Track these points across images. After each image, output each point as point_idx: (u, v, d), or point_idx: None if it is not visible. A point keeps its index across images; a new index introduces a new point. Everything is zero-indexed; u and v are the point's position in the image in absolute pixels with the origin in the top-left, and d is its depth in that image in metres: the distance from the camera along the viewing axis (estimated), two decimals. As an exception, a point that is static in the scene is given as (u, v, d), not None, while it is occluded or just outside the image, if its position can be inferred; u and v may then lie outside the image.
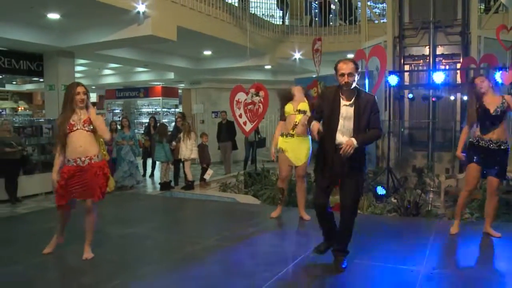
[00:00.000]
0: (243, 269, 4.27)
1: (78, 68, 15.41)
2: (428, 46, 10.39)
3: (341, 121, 4.12)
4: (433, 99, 9.72)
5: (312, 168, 4.48)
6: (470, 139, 5.27)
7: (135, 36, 9.19)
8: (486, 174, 5.19)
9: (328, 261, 4.40)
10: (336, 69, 4.12)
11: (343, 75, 4.05)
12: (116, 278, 4.06)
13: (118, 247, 5.14)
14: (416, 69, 10.79)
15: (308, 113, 5.32)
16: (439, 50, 10.50)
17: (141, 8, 8.40)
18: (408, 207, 7.10)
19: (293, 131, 5.76)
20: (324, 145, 4.17)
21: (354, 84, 4.09)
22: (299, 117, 5.69)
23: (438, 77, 8.60)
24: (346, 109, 4.13)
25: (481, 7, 12.11)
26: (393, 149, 9.98)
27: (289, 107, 5.82)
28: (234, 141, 13.43)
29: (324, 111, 4.18)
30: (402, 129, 10.53)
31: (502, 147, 5.03)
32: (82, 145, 4.45)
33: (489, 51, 9.93)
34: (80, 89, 4.53)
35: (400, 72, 9.68)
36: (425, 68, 10.47)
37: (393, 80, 8.89)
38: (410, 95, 9.71)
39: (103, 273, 4.24)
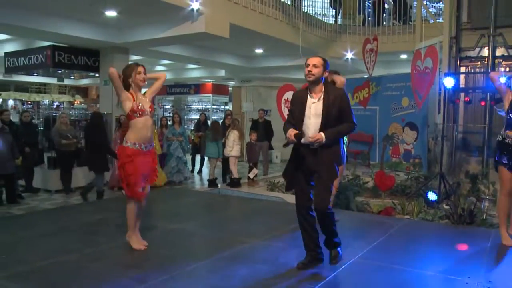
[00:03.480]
0: (292, 269, 4.22)
1: (132, 64, 15.74)
2: (487, 47, 9.96)
3: (310, 119, 4.04)
4: (492, 102, 9.30)
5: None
6: (498, 138, 5.05)
7: (188, 33, 9.31)
8: None
9: (378, 266, 4.31)
10: (305, 64, 4.09)
11: (307, 65, 4.02)
12: (164, 273, 4.11)
13: (166, 242, 5.21)
14: (473, 71, 10.37)
15: None
16: (499, 52, 10.04)
17: (195, 5, 8.50)
18: (461, 215, 6.82)
19: None
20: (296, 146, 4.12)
21: (314, 78, 3.99)
22: None
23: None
24: (315, 106, 4.05)
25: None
26: (446, 153, 9.65)
27: None
28: (270, 141, 12.63)
29: (295, 113, 4.13)
30: (456, 133, 10.17)
31: None
32: (149, 133, 4.63)
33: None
34: (141, 69, 4.63)
35: (456, 74, 9.31)
36: (483, 70, 10.05)
37: (449, 82, 8.57)
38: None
39: (152, 267, 4.29)
